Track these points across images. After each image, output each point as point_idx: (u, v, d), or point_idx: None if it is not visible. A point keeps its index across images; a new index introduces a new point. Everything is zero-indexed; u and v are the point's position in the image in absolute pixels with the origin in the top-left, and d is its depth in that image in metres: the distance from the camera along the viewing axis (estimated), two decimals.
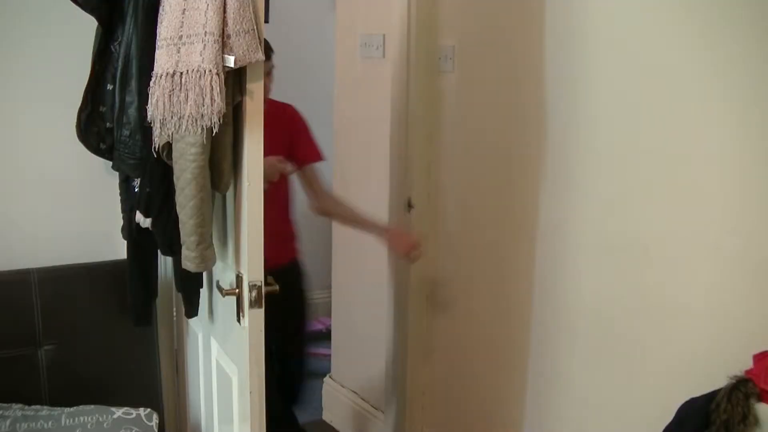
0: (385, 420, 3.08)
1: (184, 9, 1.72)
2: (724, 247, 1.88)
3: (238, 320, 1.86)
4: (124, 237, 2.22)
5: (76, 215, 2.38)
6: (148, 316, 2.33)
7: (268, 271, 1.79)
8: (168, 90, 1.72)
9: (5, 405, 2.13)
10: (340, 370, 3.47)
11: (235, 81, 1.74)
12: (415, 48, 2.74)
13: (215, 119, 1.66)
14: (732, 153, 1.86)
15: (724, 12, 1.86)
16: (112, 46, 2.09)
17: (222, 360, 2.11)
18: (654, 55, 2.03)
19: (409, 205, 2.86)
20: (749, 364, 1.68)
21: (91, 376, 2.30)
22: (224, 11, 1.66)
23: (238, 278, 1.84)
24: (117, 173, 2.22)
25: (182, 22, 1.72)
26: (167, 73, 1.72)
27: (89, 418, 2.15)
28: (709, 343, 1.92)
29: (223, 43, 1.66)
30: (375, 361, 3.13)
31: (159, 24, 1.81)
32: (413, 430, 2.99)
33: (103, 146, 2.19)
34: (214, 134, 1.70)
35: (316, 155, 2.68)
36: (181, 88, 1.70)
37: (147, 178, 1.99)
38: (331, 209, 2.78)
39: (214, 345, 2.18)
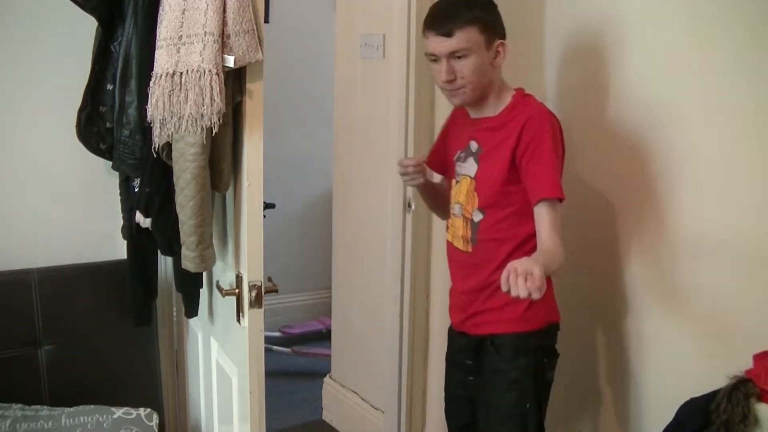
0: (385, 420, 3.08)
1: (184, 9, 1.72)
2: (724, 246, 1.88)
3: (238, 320, 1.86)
4: (124, 237, 2.23)
5: (76, 215, 2.38)
6: (148, 316, 2.33)
7: None
8: (168, 90, 1.72)
9: (5, 405, 2.13)
10: (340, 370, 3.47)
11: (235, 81, 1.74)
12: (415, 48, 2.74)
13: (215, 119, 1.66)
14: (734, 152, 1.86)
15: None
16: (112, 46, 2.09)
17: (222, 360, 2.11)
18: (655, 54, 2.03)
19: (409, 206, 2.86)
20: (749, 364, 1.68)
21: (91, 376, 2.31)
22: (224, 11, 1.66)
23: (238, 278, 1.84)
24: (117, 173, 2.22)
25: (182, 22, 1.72)
26: (167, 73, 1.73)
27: (89, 418, 2.16)
28: (709, 343, 1.92)
29: (223, 43, 1.66)
30: (375, 361, 3.13)
31: (159, 24, 1.81)
32: (413, 430, 2.99)
33: (103, 146, 2.19)
34: (213, 134, 1.71)
35: None
36: (180, 88, 1.70)
37: (147, 178, 1.99)
38: None
39: (214, 345, 2.18)
